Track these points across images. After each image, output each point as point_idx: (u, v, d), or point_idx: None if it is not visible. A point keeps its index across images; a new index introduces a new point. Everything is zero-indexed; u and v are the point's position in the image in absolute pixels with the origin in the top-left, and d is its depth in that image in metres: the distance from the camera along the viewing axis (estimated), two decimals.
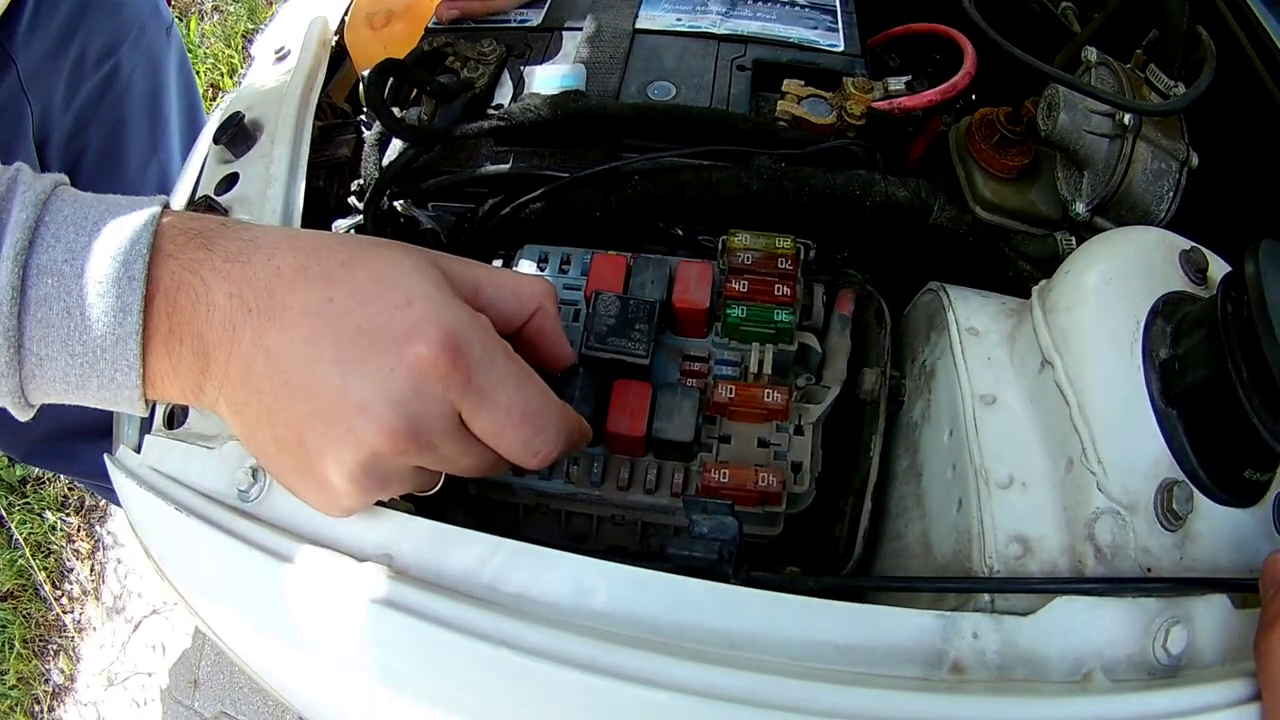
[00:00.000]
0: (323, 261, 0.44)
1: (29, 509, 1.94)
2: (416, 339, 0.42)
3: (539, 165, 0.66)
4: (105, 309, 0.41)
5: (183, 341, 0.43)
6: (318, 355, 0.42)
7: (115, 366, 0.42)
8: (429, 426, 0.43)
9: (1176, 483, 0.46)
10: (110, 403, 0.45)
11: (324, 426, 0.42)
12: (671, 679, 0.40)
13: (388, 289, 0.43)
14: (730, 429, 0.57)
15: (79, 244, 0.42)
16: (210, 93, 2.36)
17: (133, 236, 0.42)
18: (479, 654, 0.42)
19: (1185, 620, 0.45)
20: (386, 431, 0.42)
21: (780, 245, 0.60)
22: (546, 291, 0.51)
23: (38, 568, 1.89)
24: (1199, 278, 0.52)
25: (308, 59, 0.77)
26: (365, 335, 0.42)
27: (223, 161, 0.71)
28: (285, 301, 0.43)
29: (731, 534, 0.46)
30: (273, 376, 0.42)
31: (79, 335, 0.41)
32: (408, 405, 0.42)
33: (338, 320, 0.42)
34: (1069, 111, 0.64)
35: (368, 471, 0.43)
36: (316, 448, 0.43)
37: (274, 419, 0.43)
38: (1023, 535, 0.48)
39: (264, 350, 0.42)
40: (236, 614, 0.50)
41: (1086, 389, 0.49)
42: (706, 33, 0.76)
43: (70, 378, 0.42)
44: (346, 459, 0.43)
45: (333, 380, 0.42)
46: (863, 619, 0.44)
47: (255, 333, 0.42)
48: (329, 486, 0.44)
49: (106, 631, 1.85)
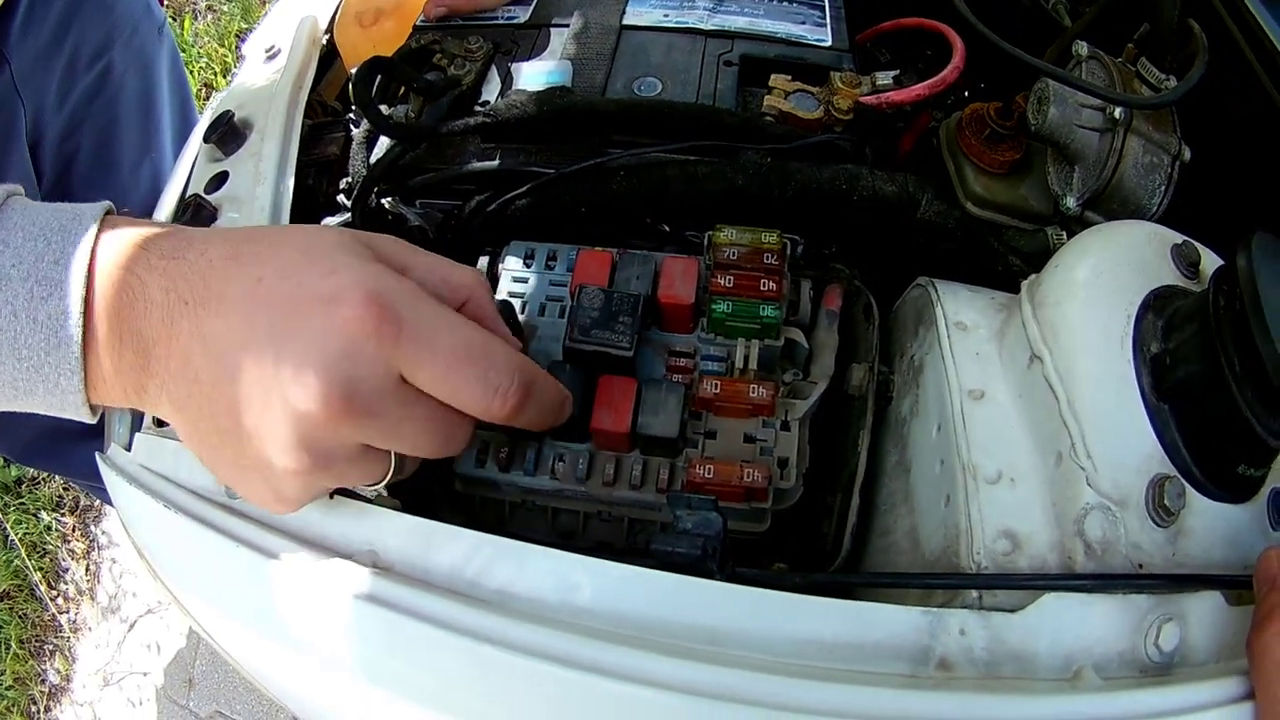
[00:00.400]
0: (253, 246, 0.44)
1: (24, 509, 1.94)
2: (341, 301, 0.42)
3: (525, 162, 0.66)
4: (49, 312, 0.42)
5: (123, 340, 0.43)
6: (252, 334, 0.42)
7: (59, 370, 0.43)
8: (366, 387, 0.42)
9: (1168, 478, 0.46)
10: (58, 408, 0.45)
11: (261, 402, 0.42)
12: (654, 675, 0.40)
13: (312, 261, 0.43)
14: (716, 424, 0.57)
15: (25, 249, 0.42)
16: (204, 92, 2.36)
17: (76, 241, 0.43)
18: (462, 650, 0.42)
19: (1178, 617, 0.44)
20: (321, 397, 0.41)
21: (766, 240, 0.59)
22: (478, 282, 0.50)
23: (33, 568, 1.89)
24: (1191, 272, 0.52)
25: (297, 58, 0.77)
26: (293, 305, 0.42)
27: (213, 160, 0.71)
28: (220, 290, 0.43)
29: (716, 530, 0.46)
30: (211, 363, 0.42)
31: (25, 339, 0.42)
32: (340, 368, 0.41)
33: (269, 297, 0.42)
34: (1059, 105, 0.64)
35: (306, 444, 0.42)
36: (254, 426, 0.42)
37: (214, 406, 0.43)
38: (1011, 531, 0.47)
39: (201, 339, 0.42)
40: (223, 610, 0.50)
41: (1076, 383, 0.49)
42: (693, 28, 0.76)
43: (18, 383, 0.43)
44: (283, 432, 0.42)
45: (265, 354, 0.42)
46: (848, 615, 0.44)
47: (192, 323, 0.42)
48: (270, 471, 0.44)
49: (102, 631, 1.85)
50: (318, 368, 0.41)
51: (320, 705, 0.52)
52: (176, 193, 0.72)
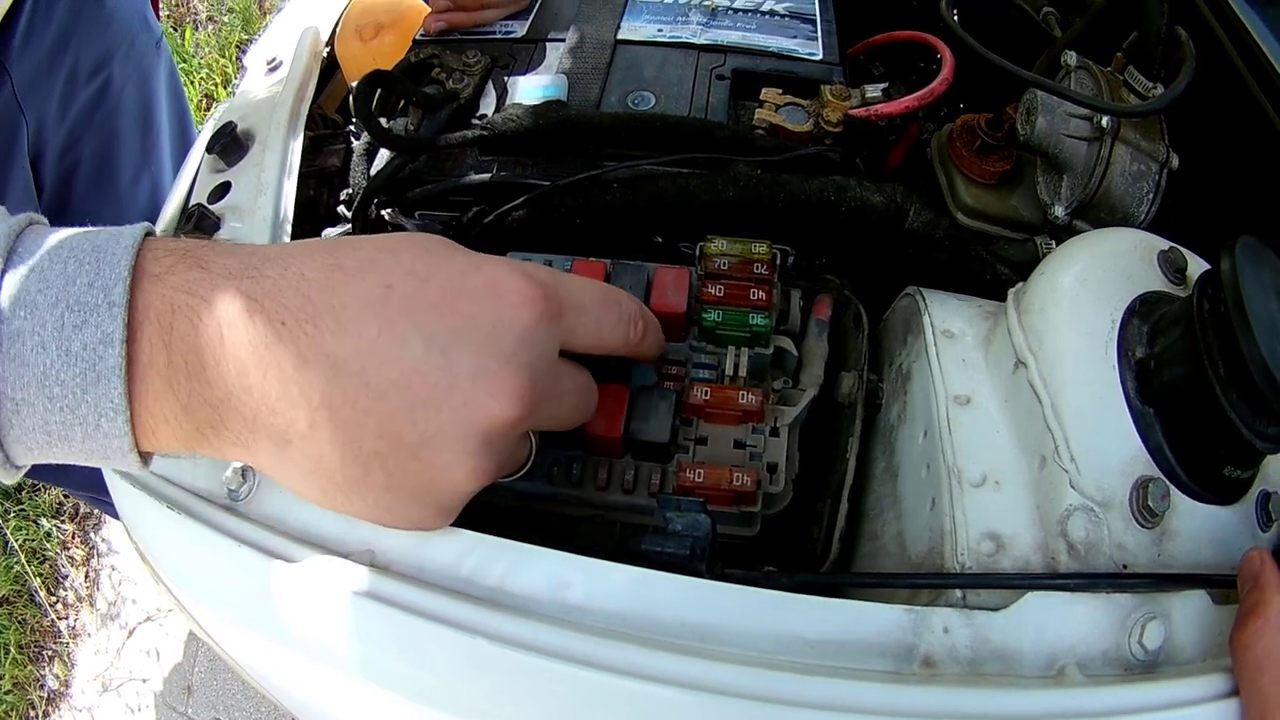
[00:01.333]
0: (352, 256, 0.41)
1: (24, 515, 1.95)
2: (501, 293, 0.40)
3: (521, 174, 0.67)
4: (83, 342, 0.36)
5: (190, 373, 0.38)
6: (402, 341, 0.39)
7: (98, 411, 0.37)
8: (542, 372, 0.41)
9: (1152, 480, 0.46)
10: (100, 457, 0.39)
11: (432, 411, 0.39)
12: (642, 669, 0.41)
13: (444, 261, 0.41)
14: (707, 431, 0.57)
15: (54, 272, 0.37)
16: (204, 103, 2.37)
17: (112, 260, 0.37)
18: (457, 644, 0.43)
19: (1162, 616, 0.45)
20: (513, 392, 0.40)
21: (756, 251, 0.60)
22: None
23: (33, 574, 1.89)
24: (1178, 278, 0.53)
25: (299, 70, 0.78)
26: (446, 307, 0.40)
27: (215, 170, 0.71)
28: (332, 302, 0.39)
29: (704, 531, 0.47)
30: (343, 386, 0.38)
31: (55, 374, 0.36)
32: (520, 356, 0.40)
33: (409, 303, 0.39)
34: (1047, 115, 0.65)
35: (491, 445, 0.41)
36: (423, 439, 0.39)
37: (354, 434, 0.39)
38: (995, 533, 0.48)
39: (323, 361, 0.38)
40: (224, 611, 0.51)
41: (1060, 388, 0.49)
42: (687, 43, 0.77)
43: (51, 426, 0.37)
44: (468, 436, 0.40)
45: (433, 359, 0.39)
46: (832, 613, 0.44)
47: (301, 346, 0.38)
48: (437, 481, 0.41)
49: (101, 638, 1.85)
50: (502, 365, 0.40)
51: (320, 704, 0.52)
52: (179, 202, 0.72)
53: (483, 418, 0.40)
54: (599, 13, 0.81)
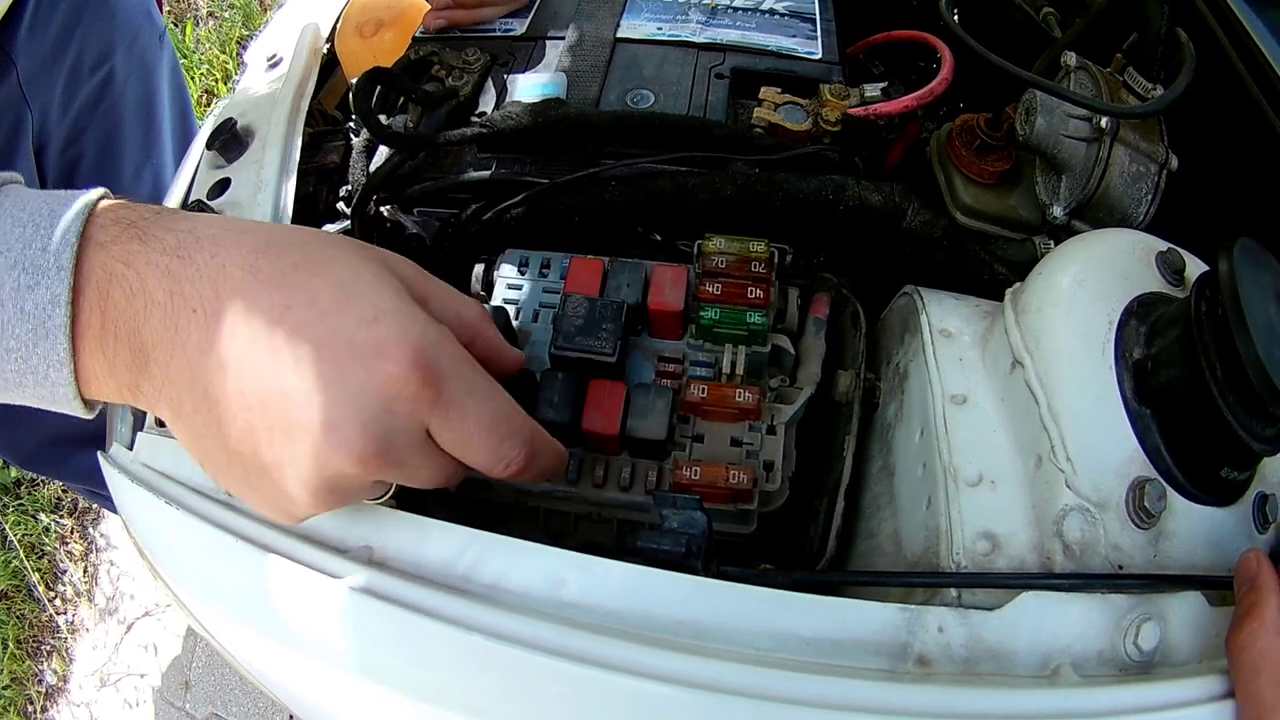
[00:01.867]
0: (274, 262, 0.42)
1: (23, 510, 1.95)
2: (385, 357, 0.40)
3: (520, 172, 0.67)
4: (35, 301, 0.40)
5: (117, 338, 0.41)
6: (276, 369, 0.40)
7: (47, 363, 0.41)
8: (397, 445, 0.42)
9: (1149, 480, 0.46)
10: (49, 402, 0.43)
11: (285, 441, 0.41)
12: (638, 666, 0.41)
13: (350, 301, 0.42)
14: (703, 428, 0.58)
15: (13, 234, 0.41)
16: (205, 99, 2.37)
17: (64, 226, 0.41)
18: (454, 640, 0.43)
19: (1158, 617, 0.45)
20: (356, 454, 0.40)
21: (754, 249, 0.61)
22: (485, 318, 0.49)
23: (31, 569, 1.89)
24: (1176, 279, 0.52)
25: (299, 67, 0.78)
26: (330, 350, 0.40)
27: (215, 166, 0.72)
28: (236, 305, 0.41)
29: (700, 528, 0.47)
30: (224, 384, 0.41)
31: (11, 329, 0.40)
32: (378, 425, 0.41)
33: (297, 332, 0.40)
34: (1046, 116, 0.65)
35: (330, 489, 0.42)
36: (275, 460, 0.41)
37: (226, 429, 0.41)
38: (991, 532, 0.48)
39: (214, 356, 0.40)
40: (222, 606, 0.51)
41: (1056, 388, 0.49)
42: (686, 41, 0.77)
43: (7, 373, 0.41)
44: (308, 475, 0.41)
45: (295, 396, 0.40)
46: (827, 612, 0.45)
47: (203, 336, 0.40)
48: (285, 497, 0.43)
49: (99, 633, 1.85)
50: (356, 422, 0.40)
51: (317, 700, 0.52)
52: (179, 198, 0.73)
53: (324, 461, 0.41)
54: (599, 11, 0.81)
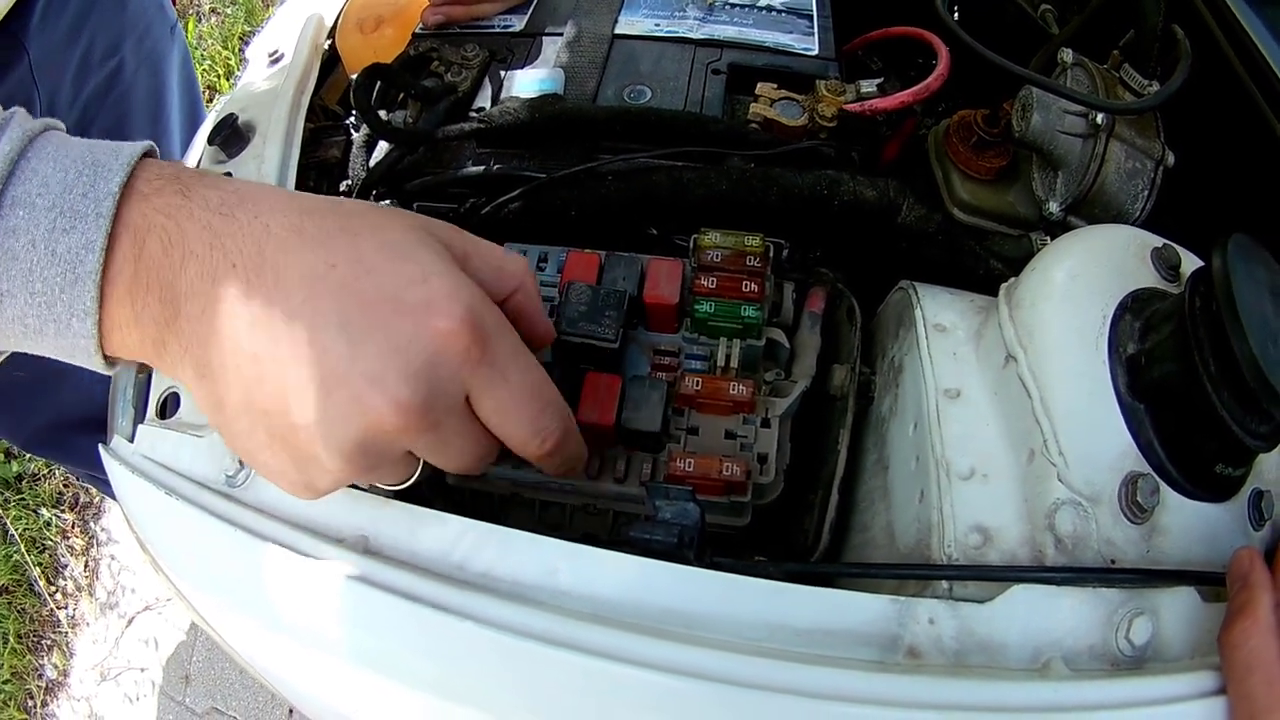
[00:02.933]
0: (319, 223, 0.41)
1: (24, 505, 1.95)
2: (436, 313, 0.40)
3: (518, 166, 0.68)
4: (69, 246, 0.39)
5: (149, 289, 0.40)
6: (320, 321, 0.39)
7: (71, 311, 0.40)
8: (439, 404, 0.41)
9: (1141, 475, 0.46)
10: (68, 353, 0.42)
11: (322, 396, 0.39)
12: (629, 654, 0.42)
13: (398, 262, 0.41)
14: (698, 421, 0.58)
15: (54, 178, 0.40)
16: (208, 94, 2.37)
17: (107, 174, 0.40)
18: (447, 629, 0.44)
19: (1150, 612, 0.45)
20: (399, 405, 0.39)
21: (749, 244, 0.61)
22: (527, 272, 0.48)
23: (32, 563, 1.90)
24: (1171, 274, 0.53)
25: (300, 63, 0.78)
26: (377, 306, 0.40)
27: (216, 162, 0.72)
28: (279, 261, 0.40)
29: (693, 519, 0.47)
30: (258, 340, 0.39)
31: (40, 271, 0.39)
32: (423, 378, 0.40)
33: (343, 288, 0.40)
34: (1042, 112, 0.65)
35: (364, 449, 0.41)
36: (307, 418, 0.40)
37: (257, 386, 0.40)
38: (983, 525, 0.48)
39: (251, 310, 0.39)
40: (222, 597, 0.51)
41: (1049, 382, 0.49)
42: (684, 38, 0.77)
43: (29, 319, 0.40)
44: (345, 432, 0.40)
45: (338, 348, 0.39)
46: (818, 602, 0.45)
47: (240, 290, 0.39)
48: (310, 462, 0.41)
49: (100, 627, 1.86)
50: (401, 373, 0.39)
51: (314, 689, 0.53)
52: None
53: (364, 419, 0.40)
54: (596, 7, 0.81)
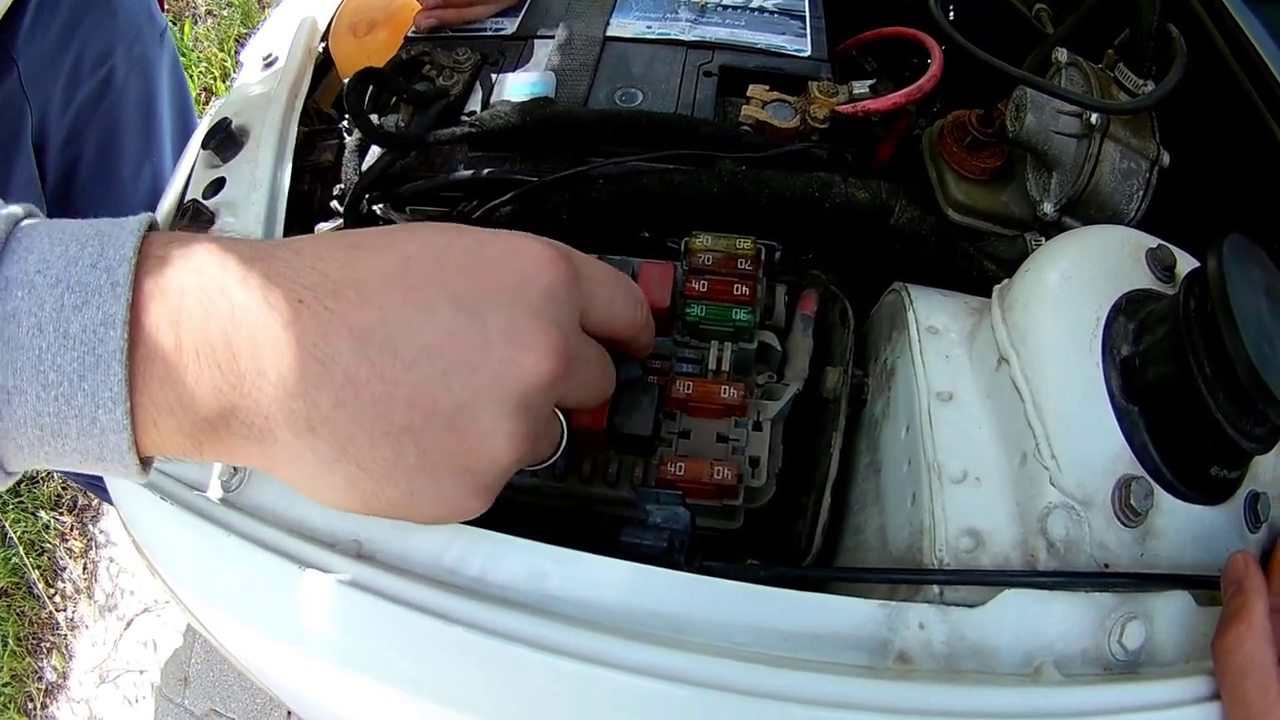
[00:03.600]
0: (368, 237, 0.40)
1: (23, 507, 1.95)
2: (522, 255, 0.40)
3: (510, 170, 0.67)
4: (83, 324, 0.34)
5: (200, 359, 0.35)
6: (430, 308, 0.38)
7: (96, 401, 0.34)
8: (571, 332, 0.41)
9: (1135, 479, 0.46)
10: (96, 454, 0.36)
11: (468, 373, 0.37)
12: (617, 658, 0.42)
13: (461, 232, 0.41)
14: (690, 424, 0.58)
15: (54, 253, 0.35)
16: (203, 96, 2.37)
17: (116, 243, 0.35)
18: (438, 633, 0.44)
19: (1143, 616, 0.45)
20: (545, 345, 0.39)
21: (740, 246, 0.61)
22: None
23: (31, 566, 1.90)
24: (1166, 275, 0.52)
25: (293, 66, 0.78)
26: (469, 271, 0.39)
27: (210, 166, 0.72)
28: (352, 278, 0.37)
29: (683, 523, 0.47)
30: (374, 357, 0.36)
31: (52, 358, 0.34)
32: (548, 313, 0.39)
33: (431, 269, 0.38)
34: (1036, 112, 0.65)
35: (528, 408, 0.39)
36: (458, 405, 0.38)
37: (388, 406, 0.37)
38: (974, 529, 0.48)
39: (349, 335, 0.36)
40: (217, 601, 0.51)
41: (1042, 385, 0.49)
42: (675, 39, 0.77)
43: (44, 418, 0.34)
44: (506, 397, 0.38)
45: (461, 322, 0.38)
46: (807, 607, 0.45)
47: (322, 322, 0.36)
48: (473, 457, 0.39)
49: (99, 629, 1.86)
50: (532, 320, 0.39)
51: (309, 693, 0.53)
52: (174, 197, 0.73)
53: (519, 375, 0.38)
54: (588, 9, 0.81)
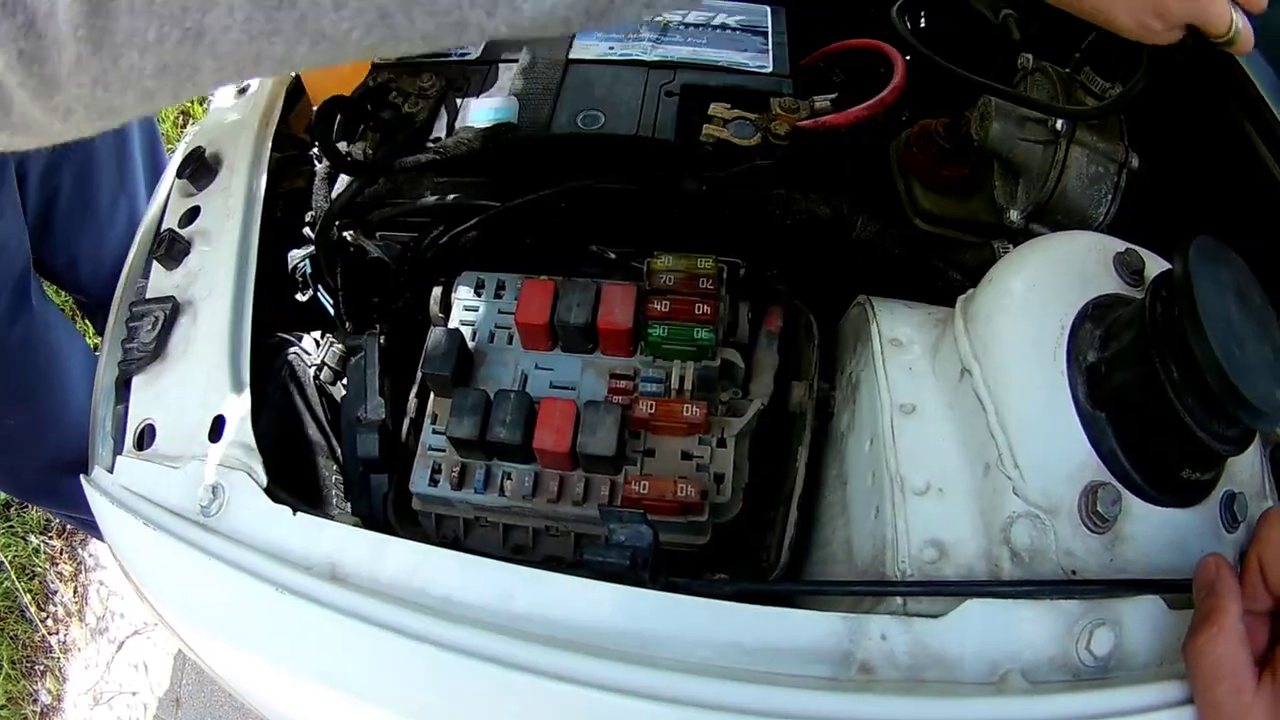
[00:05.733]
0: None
1: (12, 532, 1.95)
2: None
3: (475, 195, 0.68)
4: None
5: None
6: None
7: None
8: None
9: (1102, 485, 0.45)
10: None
11: None
12: (581, 675, 0.43)
13: None
14: (655, 443, 0.59)
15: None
16: (181, 120, 2.37)
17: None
18: (408, 652, 0.45)
19: (1112, 622, 0.44)
20: None
21: (702, 266, 0.61)
22: None
23: (22, 590, 1.89)
24: (1135, 280, 0.52)
25: (265, 93, 0.79)
26: None
27: (185, 195, 0.72)
28: None
29: (646, 541, 0.48)
30: None
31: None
32: None
33: None
34: (1001, 120, 0.65)
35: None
36: None
37: None
38: (938, 540, 0.48)
39: None
40: (199, 622, 0.52)
41: (1004, 395, 0.49)
42: (637, 60, 0.77)
43: None
44: None
45: None
46: (769, 621, 0.45)
47: None
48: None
49: (91, 652, 1.85)
50: None
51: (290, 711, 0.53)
52: (151, 226, 0.74)
53: None
54: None
